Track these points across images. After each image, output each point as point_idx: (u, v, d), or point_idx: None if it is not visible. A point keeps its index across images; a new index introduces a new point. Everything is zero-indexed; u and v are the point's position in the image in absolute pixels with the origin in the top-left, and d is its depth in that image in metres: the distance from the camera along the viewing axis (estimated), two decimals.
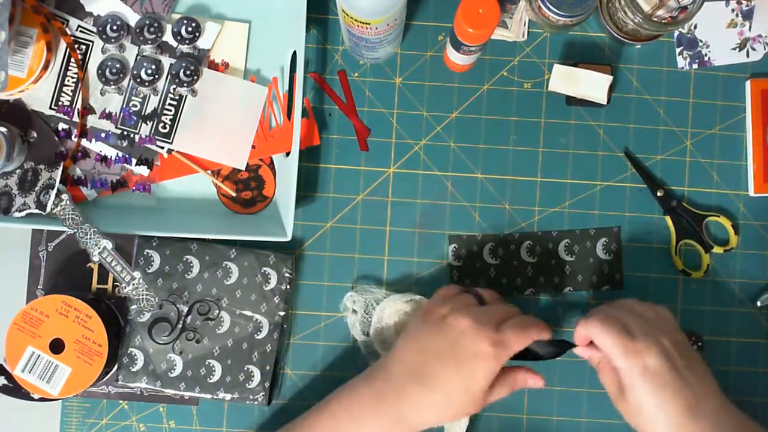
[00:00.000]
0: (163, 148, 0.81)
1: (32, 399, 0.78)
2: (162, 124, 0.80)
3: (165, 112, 0.80)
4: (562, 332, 0.82)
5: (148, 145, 0.81)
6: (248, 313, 0.79)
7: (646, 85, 0.84)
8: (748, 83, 0.83)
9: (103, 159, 0.80)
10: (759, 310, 0.83)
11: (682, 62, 0.84)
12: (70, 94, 0.80)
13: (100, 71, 0.79)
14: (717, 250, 0.82)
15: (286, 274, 0.79)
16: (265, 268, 0.79)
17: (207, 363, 0.78)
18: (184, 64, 0.79)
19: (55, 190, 0.75)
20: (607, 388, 0.70)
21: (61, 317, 0.75)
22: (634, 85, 0.84)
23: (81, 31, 0.80)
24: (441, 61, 0.83)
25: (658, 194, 0.82)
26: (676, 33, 0.84)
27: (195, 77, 0.79)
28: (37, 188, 0.76)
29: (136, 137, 0.80)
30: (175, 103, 0.80)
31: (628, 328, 0.68)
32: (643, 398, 0.66)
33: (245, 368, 0.78)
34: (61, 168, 0.77)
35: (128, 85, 0.80)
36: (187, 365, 0.78)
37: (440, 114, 0.83)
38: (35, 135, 0.79)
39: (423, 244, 0.82)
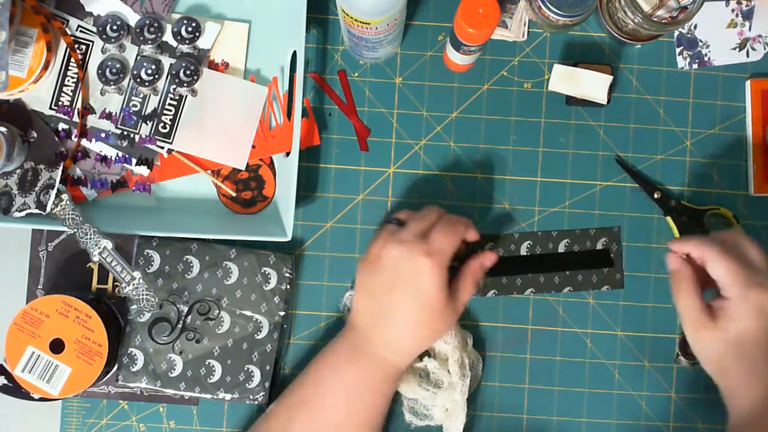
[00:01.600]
0: (163, 148, 0.81)
1: (32, 399, 0.78)
2: (162, 124, 0.80)
3: (165, 112, 0.80)
4: (562, 332, 0.82)
5: (148, 145, 0.81)
6: (248, 313, 0.79)
7: (646, 85, 0.84)
8: (748, 83, 0.83)
9: (103, 159, 0.80)
10: None
11: (682, 62, 0.84)
12: (70, 94, 0.80)
13: (100, 71, 0.79)
14: None
15: (286, 274, 0.79)
16: (265, 268, 0.79)
17: (207, 363, 0.78)
18: (184, 64, 0.79)
19: (55, 190, 0.75)
20: (689, 312, 0.69)
21: (61, 317, 0.75)
22: (634, 85, 0.84)
23: (81, 31, 0.80)
24: (441, 61, 0.83)
25: (656, 196, 0.82)
26: (676, 33, 0.84)
27: (195, 77, 0.79)
28: (37, 188, 0.76)
29: (136, 137, 0.80)
30: (175, 103, 0.80)
31: (750, 262, 0.68)
32: (747, 332, 0.65)
33: (245, 368, 0.78)
34: (61, 168, 0.77)
35: (128, 85, 0.80)
36: (187, 365, 0.78)
37: (440, 114, 0.83)
38: (35, 135, 0.79)
39: None
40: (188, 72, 0.79)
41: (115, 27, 0.79)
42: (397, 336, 0.71)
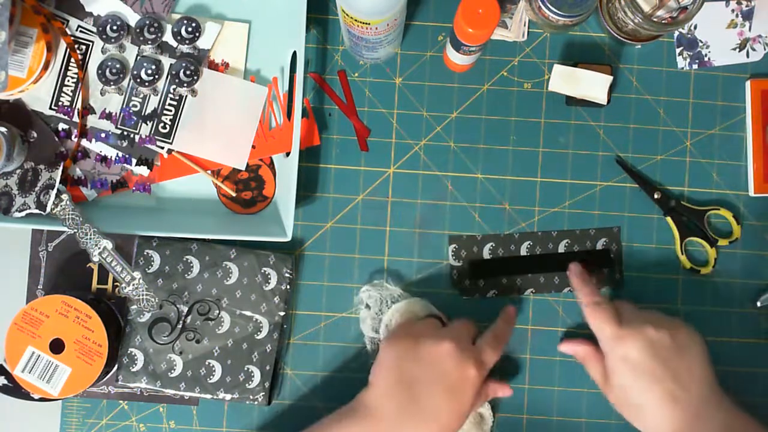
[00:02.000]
0: (163, 148, 0.81)
1: (32, 399, 0.78)
2: (162, 124, 0.80)
3: (165, 112, 0.80)
4: (562, 332, 0.82)
5: (148, 145, 0.81)
6: (248, 313, 0.79)
7: (646, 86, 0.84)
8: (748, 83, 0.83)
9: (103, 159, 0.80)
10: (759, 310, 0.83)
11: (682, 62, 0.84)
12: (70, 94, 0.80)
13: (100, 71, 0.79)
14: (722, 242, 0.82)
15: (286, 274, 0.79)
16: (265, 268, 0.79)
17: (207, 363, 0.78)
18: (184, 64, 0.79)
19: (55, 190, 0.75)
20: (593, 375, 0.74)
21: (61, 317, 0.75)
22: (634, 86, 0.84)
23: (81, 31, 0.80)
24: (441, 61, 0.83)
25: (656, 196, 0.82)
26: (676, 33, 0.84)
27: (195, 77, 0.79)
28: (37, 188, 0.76)
29: (136, 137, 0.80)
30: (175, 103, 0.80)
31: (619, 316, 0.72)
32: (625, 384, 0.70)
33: (245, 368, 0.78)
34: (61, 168, 0.77)
35: (128, 85, 0.80)
36: (187, 365, 0.78)
37: (440, 114, 0.83)
38: (35, 135, 0.79)
39: (423, 244, 0.82)
40: (188, 72, 0.79)
41: (115, 27, 0.79)
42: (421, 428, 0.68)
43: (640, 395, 0.69)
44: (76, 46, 0.80)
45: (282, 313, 0.79)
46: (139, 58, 0.80)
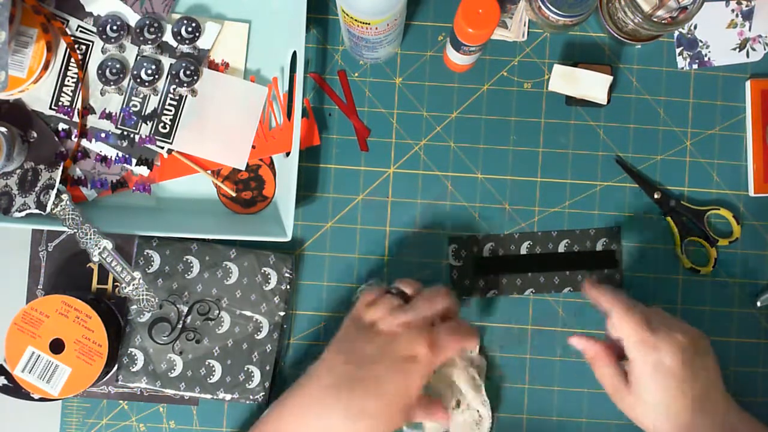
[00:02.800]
0: (163, 148, 0.81)
1: (32, 399, 0.78)
2: (162, 124, 0.80)
3: (165, 112, 0.80)
4: (562, 332, 0.82)
5: (148, 145, 0.81)
6: (248, 313, 0.79)
7: (646, 85, 0.84)
8: (748, 83, 0.83)
9: (103, 159, 0.80)
10: (759, 310, 0.83)
11: (682, 62, 0.84)
12: (70, 94, 0.80)
13: (100, 71, 0.79)
14: (722, 242, 0.82)
15: (286, 274, 0.79)
16: (265, 268, 0.79)
17: (207, 363, 0.78)
18: (184, 64, 0.79)
19: (55, 190, 0.75)
20: (606, 380, 0.70)
21: (61, 317, 0.75)
22: (634, 85, 0.84)
23: (81, 31, 0.80)
24: (441, 61, 0.83)
25: (655, 196, 0.82)
26: (676, 33, 0.84)
27: (195, 77, 0.79)
28: (37, 188, 0.76)
29: (136, 137, 0.80)
30: (175, 103, 0.80)
31: (649, 321, 0.68)
32: (652, 393, 0.67)
33: (245, 368, 0.78)
34: (61, 168, 0.77)
35: (128, 85, 0.80)
36: (187, 365, 0.78)
37: (440, 114, 0.83)
38: (35, 135, 0.79)
39: (423, 244, 0.82)
40: (188, 72, 0.79)
41: (115, 27, 0.79)
42: (366, 407, 0.65)
43: (668, 401, 0.67)
44: (76, 46, 0.80)
45: (282, 313, 0.79)
46: (139, 58, 0.80)
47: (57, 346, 0.75)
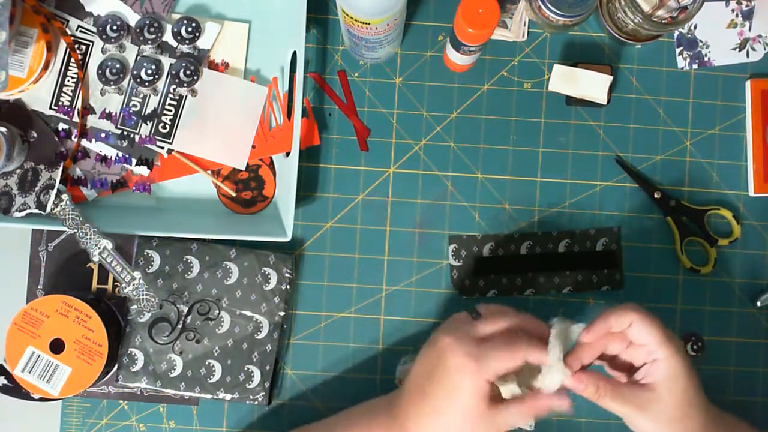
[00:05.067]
0: (163, 148, 0.81)
1: (32, 399, 0.78)
2: (162, 124, 0.80)
3: (165, 112, 0.80)
4: None
5: (148, 145, 0.81)
6: (248, 313, 0.79)
7: (646, 85, 0.84)
8: (748, 83, 0.83)
9: (103, 159, 0.80)
10: (759, 310, 0.83)
11: (682, 62, 0.84)
12: (70, 94, 0.80)
13: (100, 71, 0.79)
14: (722, 242, 0.82)
15: (286, 274, 0.79)
16: (265, 268, 0.79)
17: (207, 363, 0.78)
18: (184, 64, 0.79)
19: (55, 190, 0.75)
20: (629, 400, 0.67)
21: (61, 317, 0.75)
22: (634, 85, 0.84)
23: (81, 31, 0.80)
24: (441, 61, 0.83)
25: (656, 196, 0.82)
26: (676, 33, 0.84)
27: (195, 77, 0.79)
28: (37, 188, 0.76)
29: (136, 137, 0.80)
30: (175, 103, 0.80)
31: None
32: (683, 387, 0.66)
33: (245, 368, 0.78)
34: (61, 168, 0.77)
35: (128, 85, 0.80)
36: (187, 365, 0.78)
37: (440, 114, 0.83)
38: (35, 135, 0.79)
39: (423, 244, 0.82)
40: (188, 72, 0.79)
41: (115, 27, 0.79)
42: (426, 421, 0.67)
43: (699, 393, 0.67)
44: (76, 46, 0.80)
45: (282, 313, 0.79)
46: (139, 58, 0.80)
47: (57, 346, 0.75)
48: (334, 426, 0.74)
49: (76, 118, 0.80)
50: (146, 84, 0.79)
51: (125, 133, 0.80)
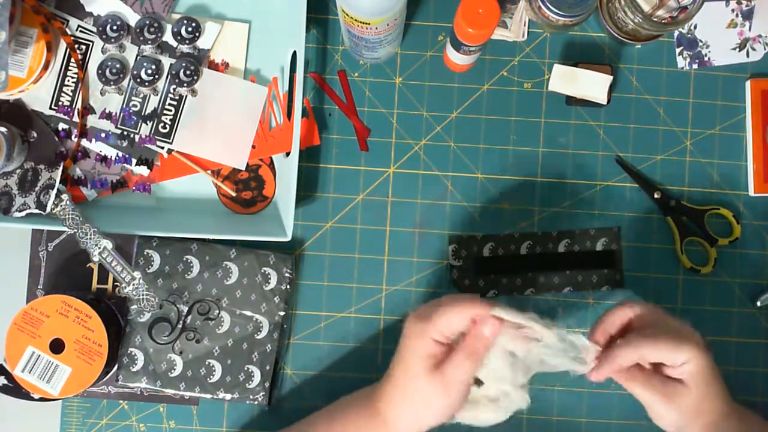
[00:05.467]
0: (163, 148, 0.81)
1: (32, 399, 0.78)
2: (162, 124, 0.80)
3: (165, 112, 0.80)
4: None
5: (148, 145, 0.81)
6: (248, 313, 0.79)
7: (646, 85, 0.84)
8: (748, 83, 0.83)
9: (103, 159, 0.80)
10: (759, 310, 0.83)
11: (682, 62, 0.84)
12: (70, 94, 0.80)
13: (100, 71, 0.79)
14: (722, 242, 0.82)
15: (286, 274, 0.79)
16: (265, 268, 0.79)
17: (207, 363, 0.78)
18: (184, 64, 0.79)
19: (55, 190, 0.75)
20: (658, 389, 0.67)
21: (61, 317, 0.75)
22: (634, 85, 0.84)
23: (81, 31, 0.80)
24: (441, 61, 0.83)
25: (655, 196, 0.82)
26: (676, 33, 0.84)
27: (195, 77, 0.79)
28: (37, 188, 0.76)
29: (136, 137, 0.80)
30: (175, 103, 0.80)
31: (669, 327, 0.68)
32: (709, 382, 0.66)
33: (245, 368, 0.78)
34: (61, 168, 0.77)
35: (128, 85, 0.80)
36: (187, 365, 0.78)
37: (440, 114, 0.83)
38: (35, 135, 0.79)
39: (423, 244, 0.82)
40: (188, 72, 0.79)
41: (115, 27, 0.79)
42: (394, 398, 0.68)
43: (725, 390, 0.67)
44: (76, 46, 0.80)
45: (282, 313, 0.79)
46: (139, 58, 0.80)
47: (57, 346, 0.75)
48: (315, 421, 0.74)
49: (76, 118, 0.80)
50: (146, 84, 0.79)
51: (125, 133, 0.80)
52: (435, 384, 0.65)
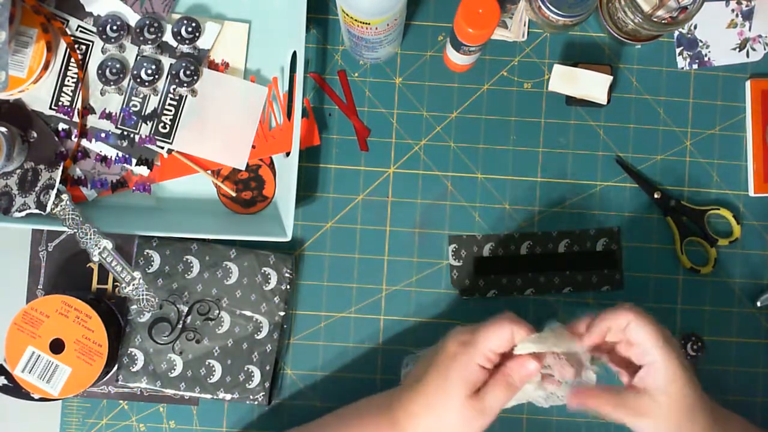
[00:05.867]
0: (163, 148, 0.81)
1: (32, 399, 0.78)
2: (162, 124, 0.80)
3: (165, 112, 0.80)
4: None
5: (148, 145, 0.81)
6: (248, 313, 0.79)
7: (646, 85, 0.84)
8: (748, 83, 0.83)
9: (103, 159, 0.80)
10: (759, 310, 0.83)
11: (682, 62, 0.84)
12: (70, 94, 0.80)
13: (100, 71, 0.79)
14: (722, 242, 0.82)
15: (286, 274, 0.79)
16: (265, 268, 0.79)
17: (207, 363, 0.78)
18: (184, 64, 0.79)
19: (55, 190, 0.75)
20: (629, 407, 0.66)
21: (61, 317, 0.75)
22: (634, 85, 0.84)
23: (81, 31, 0.80)
24: (441, 61, 0.83)
25: (656, 196, 0.82)
26: (676, 33, 0.84)
27: (195, 77, 0.79)
28: (37, 188, 0.76)
29: (136, 137, 0.80)
30: (175, 103, 0.80)
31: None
32: (684, 394, 0.65)
33: (245, 368, 0.78)
34: (61, 168, 0.77)
35: (128, 85, 0.80)
36: (187, 365, 0.78)
37: (440, 114, 0.83)
38: (35, 135, 0.79)
39: (423, 244, 0.82)
40: (188, 72, 0.79)
41: (115, 27, 0.79)
42: (416, 408, 0.68)
43: (698, 394, 0.66)
44: (76, 46, 0.80)
45: (282, 313, 0.79)
46: (139, 58, 0.80)
47: (57, 346, 0.75)
48: (328, 424, 0.74)
49: (76, 118, 0.80)
50: (146, 84, 0.79)
51: (125, 133, 0.80)
52: (472, 409, 0.66)
